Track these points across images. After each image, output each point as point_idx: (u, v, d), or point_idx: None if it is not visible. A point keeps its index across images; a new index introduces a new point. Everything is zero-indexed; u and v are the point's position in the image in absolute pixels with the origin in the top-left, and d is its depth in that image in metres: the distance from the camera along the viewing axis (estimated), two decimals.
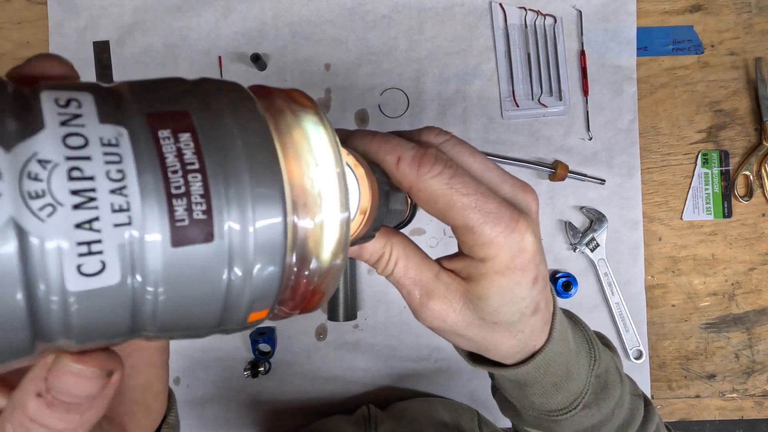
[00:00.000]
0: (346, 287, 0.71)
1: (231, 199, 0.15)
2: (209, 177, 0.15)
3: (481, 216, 0.24)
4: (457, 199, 0.24)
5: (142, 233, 0.14)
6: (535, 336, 0.29)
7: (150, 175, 0.14)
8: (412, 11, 0.75)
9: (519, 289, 0.26)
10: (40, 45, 0.75)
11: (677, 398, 0.77)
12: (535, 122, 0.76)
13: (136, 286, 0.14)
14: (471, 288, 0.27)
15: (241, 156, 0.15)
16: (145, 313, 0.15)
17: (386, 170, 0.25)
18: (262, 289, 0.16)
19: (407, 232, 0.75)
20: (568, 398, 0.34)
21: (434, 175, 0.24)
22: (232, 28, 0.75)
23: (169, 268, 0.14)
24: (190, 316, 0.15)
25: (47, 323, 0.14)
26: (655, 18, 0.76)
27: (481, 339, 0.28)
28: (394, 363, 0.76)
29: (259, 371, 0.74)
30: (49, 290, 0.13)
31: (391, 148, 0.25)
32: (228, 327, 0.17)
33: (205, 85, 0.17)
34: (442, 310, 0.27)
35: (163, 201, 0.14)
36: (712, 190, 0.77)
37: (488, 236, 0.24)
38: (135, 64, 0.75)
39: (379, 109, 0.76)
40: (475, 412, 0.73)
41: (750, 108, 0.76)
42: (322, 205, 0.17)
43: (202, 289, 0.15)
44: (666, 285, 0.77)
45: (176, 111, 0.15)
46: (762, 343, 0.77)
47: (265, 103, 0.17)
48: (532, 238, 0.25)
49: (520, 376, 0.31)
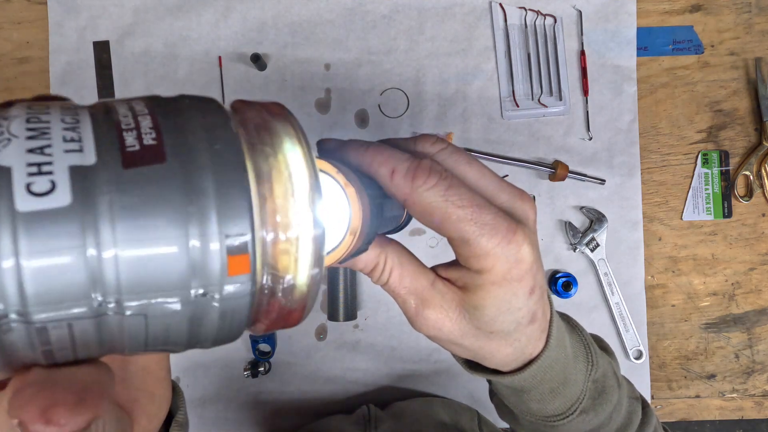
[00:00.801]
0: (346, 287, 0.71)
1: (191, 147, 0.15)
2: (166, 143, 0.15)
3: (477, 228, 0.24)
4: (453, 211, 0.24)
5: (93, 159, 0.14)
6: (532, 344, 0.29)
7: (104, 125, 0.15)
8: (412, 11, 0.75)
9: (516, 300, 0.26)
10: (40, 45, 0.75)
11: (677, 398, 0.77)
12: (535, 122, 0.76)
13: (88, 211, 0.13)
14: (467, 297, 0.26)
15: (206, 154, 0.15)
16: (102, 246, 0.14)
17: (380, 182, 0.25)
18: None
19: (407, 232, 0.75)
20: (565, 404, 0.33)
21: (429, 188, 0.24)
22: (232, 28, 0.75)
23: (123, 191, 0.14)
24: (152, 261, 0.14)
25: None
26: (655, 18, 0.76)
27: (478, 348, 0.28)
28: (394, 363, 0.76)
29: (259, 371, 0.74)
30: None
31: (385, 159, 0.24)
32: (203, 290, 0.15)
33: (180, 99, 0.17)
34: (438, 319, 0.27)
35: (114, 132, 0.15)
36: (712, 190, 0.77)
37: (484, 248, 0.24)
38: (135, 64, 0.75)
39: (379, 109, 0.76)
40: (475, 412, 0.73)
41: (750, 108, 0.76)
42: (293, 221, 0.16)
43: (160, 216, 0.14)
44: (666, 285, 0.77)
45: (143, 113, 0.16)
46: (762, 343, 0.77)
47: (239, 117, 0.17)
48: (529, 248, 0.25)
49: (517, 383, 0.31)
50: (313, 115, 0.75)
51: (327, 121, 0.75)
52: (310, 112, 0.75)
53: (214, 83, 0.75)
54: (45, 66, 0.75)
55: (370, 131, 0.75)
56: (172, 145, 0.15)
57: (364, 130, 0.75)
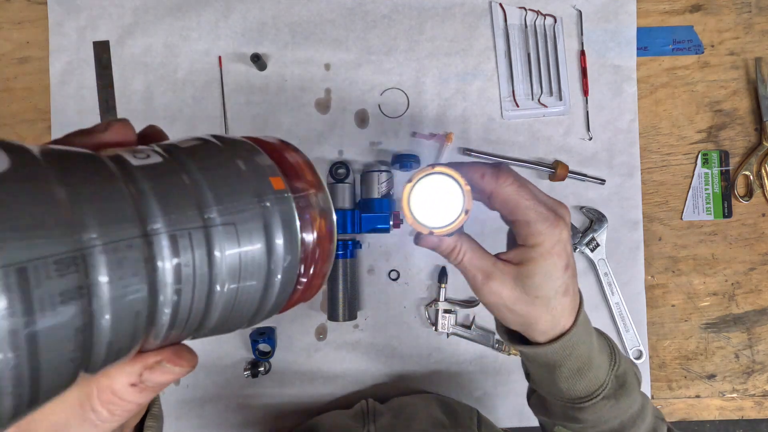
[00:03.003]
0: (346, 287, 0.71)
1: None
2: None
3: (536, 215, 0.35)
4: (522, 202, 0.35)
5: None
6: (565, 317, 0.37)
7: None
8: (412, 11, 0.75)
9: (555, 271, 0.36)
10: (40, 45, 0.75)
11: (677, 398, 0.77)
12: (535, 122, 0.76)
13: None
14: (521, 270, 0.36)
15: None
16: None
17: (474, 183, 0.36)
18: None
19: (409, 232, 0.75)
20: (589, 387, 0.40)
21: (507, 185, 0.35)
22: (232, 28, 0.75)
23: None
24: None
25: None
26: (655, 18, 0.76)
27: (525, 313, 0.37)
28: (394, 363, 0.76)
29: (259, 371, 0.74)
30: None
31: (478, 168, 0.36)
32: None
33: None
34: (498, 288, 0.36)
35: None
36: (712, 190, 0.77)
37: (539, 229, 0.35)
38: (135, 64, 0.75)
39: (379, 109, 0.76)
40: (475, 411, 0.73)
41: (750, 108, 0.76)
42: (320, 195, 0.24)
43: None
44: (666, 285, 0.77)
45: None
46: (762, 343, 0.77)
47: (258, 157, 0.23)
48: (566, 234, 0.36)
49: (550, 354, 0.38)
50: (313, 115, 0.75)
51: (327, 121, 0.75)
52: (310, 112, 0.75)
53: (214, 83, 0.75)
54: (45, 66, 0.75)
55: (370, 131, 0.75)
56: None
57: (364, 130, 0.75)
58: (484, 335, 0.74)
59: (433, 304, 0.75)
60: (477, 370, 0.76)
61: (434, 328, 0.74)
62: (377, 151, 0.75)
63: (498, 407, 0.76)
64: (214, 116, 0.75)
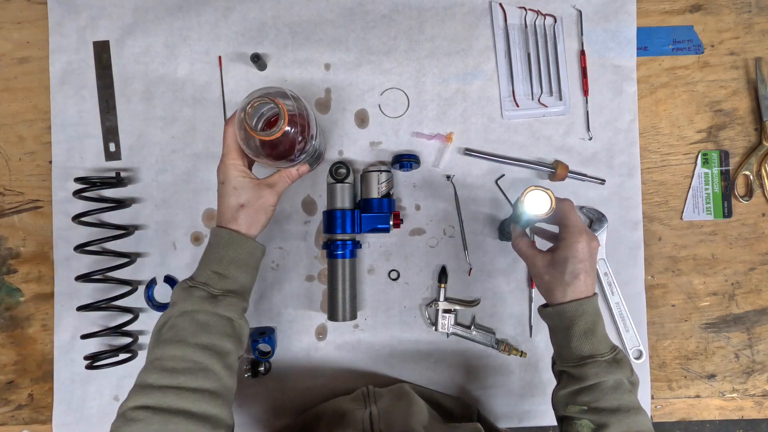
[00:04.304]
0: (345, 287, 0.71)
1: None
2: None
3: (575, 223, 0.56)
4: (571, 215, 0.57)
5: None
6: (578, 292, 0.55)
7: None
8: (412, 11, 0.75)
9: (580, 252, 0.55)
10: (40, 45, 0.75)
11: (677, 398, 0.77)
12: (535, 122, 0.76)
13: None
14: (555, 253, 0.56)
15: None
16: None
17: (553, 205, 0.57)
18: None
19: (407, 231, 0.75)
20: (592, 350, 0.54)
21: (567, 203, 0.58)
22: (232, 28, 0.75)
23: None
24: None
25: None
26: (655, 18, 0.76)
27: (549, 280, 0.56)
28: (394, 363, 0.76)
29: (259, 371, 0.74)
30: None
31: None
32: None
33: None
34: (540, 263, 0.58)
35: None
36: (712, 190, 0.77)
37: (573, 231, 0.56)
38: (135, 64, 0.75)
39: (379, 109, 0.76)
40: (475, 409, 0.73)
41: (750, 108, 0.76)
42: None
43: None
44: (666, 285, 0.77)
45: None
46: (762, 343, 0.77)
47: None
48: (594, 244, 0.56)
49: (567, 309, 0.55)
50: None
51: (327, 121, 0.75)
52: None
53: (214, 83, 0.75)
54: (45, 66, 0.75)
55: (370, 131, 0.75)
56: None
57: (364, 130, 0.75)
58: (484, 335, 0.74)
59: (433, 304, 0.75)
60: (477, 370, 0.76)
61: (434, 328, 0.74)
62: (377, 151, 0.75)
63: (498, 407, 0.76)
64: (214, 116, 0.75)
